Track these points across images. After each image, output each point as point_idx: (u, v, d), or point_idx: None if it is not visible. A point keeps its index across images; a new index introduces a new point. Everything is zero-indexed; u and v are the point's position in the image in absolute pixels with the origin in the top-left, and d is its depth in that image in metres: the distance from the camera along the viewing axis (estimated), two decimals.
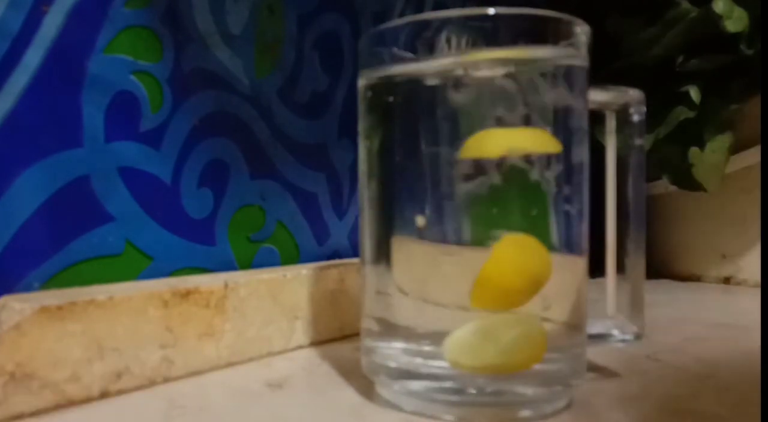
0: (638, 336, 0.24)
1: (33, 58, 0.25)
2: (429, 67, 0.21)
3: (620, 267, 0.24)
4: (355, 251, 0.40)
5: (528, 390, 0.20)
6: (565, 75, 0.21)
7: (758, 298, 0.46)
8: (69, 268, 0.26)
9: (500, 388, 0.20)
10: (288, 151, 0.36)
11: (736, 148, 0.46)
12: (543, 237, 0.21)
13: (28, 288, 0.25)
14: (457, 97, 0.20)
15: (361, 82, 0.23)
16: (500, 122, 0.20)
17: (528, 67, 0.20)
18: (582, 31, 0.21)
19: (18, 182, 0.24)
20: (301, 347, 0.30)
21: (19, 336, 0.21)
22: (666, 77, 0.45)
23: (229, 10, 0.33)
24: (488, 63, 0.20)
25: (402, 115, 0.21)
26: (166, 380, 0.25)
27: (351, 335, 0.32)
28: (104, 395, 0.23)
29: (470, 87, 0.20)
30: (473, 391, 0.20)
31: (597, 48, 0.23)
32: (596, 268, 0.24)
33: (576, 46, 0.21)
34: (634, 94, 0.23)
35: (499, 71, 0.20)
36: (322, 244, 0.38)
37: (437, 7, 0.46)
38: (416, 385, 0.21)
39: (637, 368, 0.27)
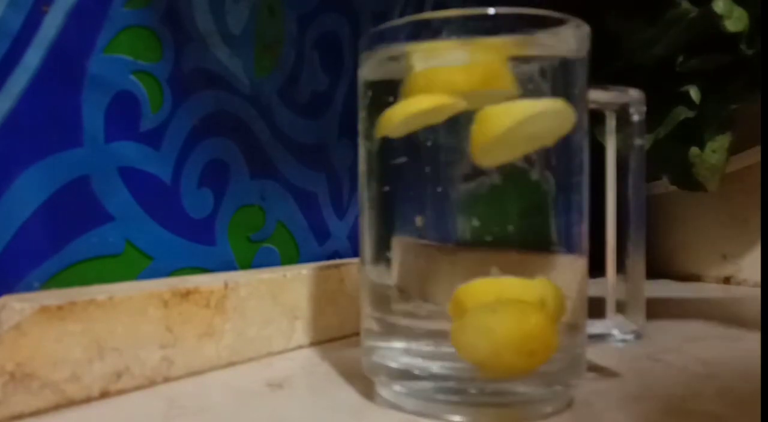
0: (638, 336, 0.24)
1: (33, 58, 0.25)
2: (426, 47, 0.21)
3: (620, 267, 0.24)
4: (355, 251, 0.40)
5: (528, 390, 0.20)
6: (564, 73, 0.21)
7: (758, 298, 0.46)
8: (69, 268, 0.26)
9: (500, 388, 0.20)
10: (288, 151, 0.36)
11: (736, 148, 0.46)
12: (543, 237, 0.21)
13: (28, 288, 0.25)
14: None
15: (361, 81, 0.23)
16: None
17: (526, 57, 0.20)
18: (582, 31, 0.21)
19: (18, 182, 0.24)
20: (301, 347, 0.30)
21: (19, 336, 0.21)
22: (666, 77, 0.45)
23: (229, 10, 0.33)
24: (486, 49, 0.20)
25: None
26: (166, 380, 0.25)
27: (351, 335, 0.32)
28: (104, 395, 0.23)
29: None
30: (474, 391, 0.20)
31: (597, 48, 0.23)
32: (596, 268, 0.24)
33: (576, 46, 0.21)
34: (634, 94, 0.23)
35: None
36: (322, 244, 0.38)
37: (437, 7, 0.46)
38: (416, 385, 0.21)
39: (637, 368, 0.27)
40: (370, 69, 0.23)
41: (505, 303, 0.20)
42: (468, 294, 0.20)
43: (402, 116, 0.21)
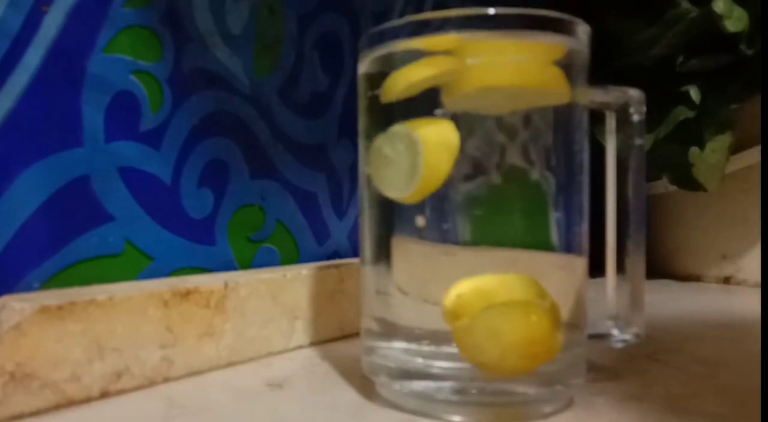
0: (638, 336, 0.24)
1: (33, 58, 0.25)
2: (427, 44, 0.21)
3: (620, 267, 0.24)
4: (355, 251, 0.40)
5: (528, 390, 0.20)
6: (564, 72, 0.21)
7: (758, 298, 0.46)
8: (69, 268, 0.26)
9: (500, 388, 0.20)
10: (288, 151, 0.36)
11: (736, 148, 0.46)
12: (543, 237, 0.21)
13: (28, 288, 0.25)
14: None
15: (361, 80, 0.23)
16: (500, 121, 0.20)
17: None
18: (582, 30, 0.21)
19: (18, 182, 0.24)
20: (301, 347, 0.30)
21: (19, 336, 0.21)
22: (666, 77, 0.45)
23: (229, 10, 0.33)
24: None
25: (402, 115, 0.21)
26: (166, 380, 0.25)
27: (351, 335, 0.32)
28: (104, 395, 0.23)
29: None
30: (474, 391, 0.20)
31: (597, 48, 0.23)
32: (596, 268, 0.24)
33: (576, 46, 0.21)
34: (634, 94, 0.23)
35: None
36: (322, 244, 0.38)
37: (437, 7, 0.46)
38: (416, 385, 0.21)
39: (637, 368, 0.27)
40: (370, 68, 0.22)
41: (511, 306, 0.20)
42: (456, 302, 0.20)
43: (407, 82, 0.20)
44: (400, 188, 0.21)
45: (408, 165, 0.20)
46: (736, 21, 0.41)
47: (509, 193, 0.20)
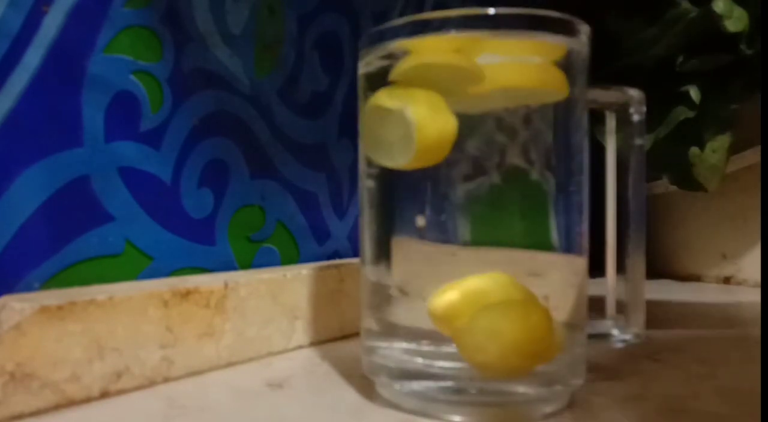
0: (638, 336, 0.24)
1: (33, 58, 0.25)
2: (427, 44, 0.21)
3: (620, 267, 0.24)
4: (355, 251, 0.40)
5: (528, 390, 0.20)
6: (565, 72, 0.21)
7: (758, 298, 0.46)
8: (69, 268, 0.26)
9: (500, 388, 0.20)
10: (288, 151, 0.36)
11: (736, 148, 0.46)
12: (543, 237, 0.21)
13: (28, 288, 0.25)
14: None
15: (361, 80, 0.23)
16: (500, 121, 0.20)
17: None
18: (582, 30, 0.21)
19: (18, 182, 0.24)
20: (301, 347, 0.30)
21: (19, 336, 0.21)
22: (666, 77, 0.45)
23: (229, 10, 0.33)
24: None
25: None
26: (166, 380, 0.25)
27: (351, 335, 0.32)
28: (104, 395, 0.23)
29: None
30: (474, 391, 0.20)
31: (597, 48, 0.23)
32: (596, 268, 0.24)
33: (576, 46, 0.21)
34: (634, 94, 0.23)
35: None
36: (322, 244, 0.38)
37: (437, 7, 0.46)
38: (416, 385, 0.21)
39: (637, 368, 0.27)
40: (370, 68, 0.22)
41: (511, 305, 0.20)
42: (447, 307, 0.20)
43: (413, 62, 0.20)
44: (393, 155, 0.21)
45: (402, 133, 0.20)
46: (736, 21, 0.41)
47: (509, 193, 0.20)
